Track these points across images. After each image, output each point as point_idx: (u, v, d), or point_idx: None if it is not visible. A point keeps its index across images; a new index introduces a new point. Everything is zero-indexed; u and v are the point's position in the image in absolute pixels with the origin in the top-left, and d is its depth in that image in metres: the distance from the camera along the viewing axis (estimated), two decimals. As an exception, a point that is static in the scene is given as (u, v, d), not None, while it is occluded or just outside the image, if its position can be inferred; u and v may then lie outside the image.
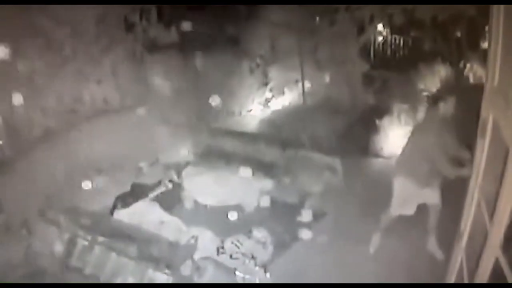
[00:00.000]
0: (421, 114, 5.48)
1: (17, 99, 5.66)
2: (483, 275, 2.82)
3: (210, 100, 7.19)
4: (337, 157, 6.97)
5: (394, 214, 5.35)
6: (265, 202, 6.54)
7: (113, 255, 5.21)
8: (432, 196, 5.22)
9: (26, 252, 5.51)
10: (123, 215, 6.07)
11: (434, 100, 5.24)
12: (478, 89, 3.45)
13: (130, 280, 5.06)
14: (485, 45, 8.29)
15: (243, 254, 5.36)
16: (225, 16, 8.63)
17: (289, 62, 9.34)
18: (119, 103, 7.18)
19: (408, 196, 5.22)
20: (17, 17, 5.73)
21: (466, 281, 3.19)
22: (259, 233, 5.73)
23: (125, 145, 6.51)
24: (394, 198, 5.31)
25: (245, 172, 6.54)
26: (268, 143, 7.61)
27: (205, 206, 6.53)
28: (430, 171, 5.01)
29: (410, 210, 5.31)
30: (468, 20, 9.06)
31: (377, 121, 8.49)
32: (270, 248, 5.63)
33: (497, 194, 2.69)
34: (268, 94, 9.67)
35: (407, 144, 5.24)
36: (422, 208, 5.30)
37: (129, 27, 7.58)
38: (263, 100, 9.65)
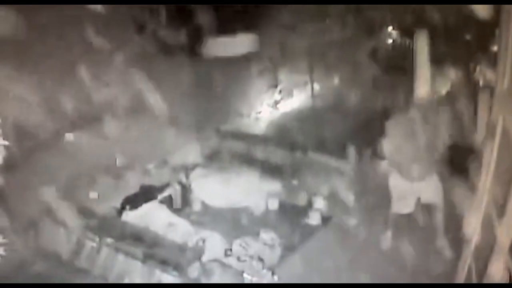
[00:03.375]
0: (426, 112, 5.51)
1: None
2: (491, 279, 2.80)
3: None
4: (345, 159, 6.96)
5: (396, 212, 5.46)
6: (273, 204, 6.55)
7: (121, 256, 5.22)
8: (429, 192, 5.29)
9: (33, 253, 5.53)
10: (131, 216, 6.08)
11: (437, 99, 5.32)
12: (487, 92, 3.44)
13: (137, 282, 5.06)
14: (495, 48, 8.23)
15: (251, 257, 5.36)
16: (235, 17, 8.62)
17: (299, 64, 9.33)
18: (127, 106, 7.18)
19: (403, 192, 5.32)
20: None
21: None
22: (267, 236, 5.73)
23: (134, 147, 6.52)
24: (393, 195, 5.42)
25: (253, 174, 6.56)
26: (277, 145, 7.60)
27: (213, 208, 6.54)
28: (423, 167, 5.11)
29: (408, 207, 5.40)
30: (478, 23, 8.99)
31: (386, 124, 8.44)
32: (278, 251, 5.63)
33: (506, 197, 2.67)
34: (277, 96, 9.65)
35: (399, 139, 5.36)
36: (425, 206, 5.41)
37: (139, 28, 7.60)
38: (272, 102, 9.63)
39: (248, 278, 5.07)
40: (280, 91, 9.74)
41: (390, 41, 10.43)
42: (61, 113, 6.40)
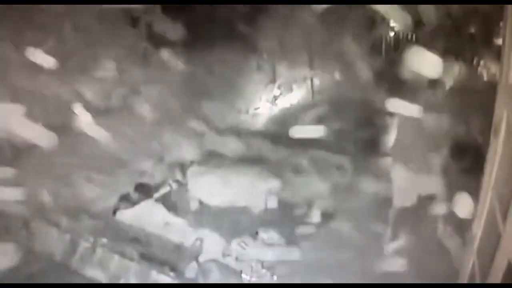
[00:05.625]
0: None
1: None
2: (495, 277, 2.74)
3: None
4: (346, 156, 6.90)
5: (397, 206, 5.42)
6: (272, 202, 6.46)
7: (116, 257, 5.15)
8: (432, 185, 5.25)
9: (26, 253, 5.46)
10: (126, 216, 6.00)
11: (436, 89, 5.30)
12: (492, 86, 3.38)
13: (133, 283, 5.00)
14: (499, 41, 8.17)
15: (250, 256, 5.29)
16: (233, 12, 8.56)
17: (298, 59, 9.27)
18: (122, 101, 7.13)
19: (407, 184, 5.30)
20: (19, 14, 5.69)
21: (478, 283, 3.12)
22: (266, 235, 5.66)
23: (129, 144, 6.44)
24: (395, 188, 5.39)
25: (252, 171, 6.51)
26: (276, 141, 7.53)
27: (211, 206, 6.46)
28: (426, 159, 5.09)
29: (410, 201, 5.35)
30: (482, 16, 8.93)
31: (387, 119, 8.38)
32: (277, 250, 5.56)
33: (510, 193, 2.60)
34: (276, 92, 9.59)
35: (399, 131, 5.35)
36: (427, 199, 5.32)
37: (134, 22, 7.52)
38: (271, 98, 9.57)
39: (246, 278, 5.01)
40: (279, 86, 9.69)
41: (392, 34, 10.36)
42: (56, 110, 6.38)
